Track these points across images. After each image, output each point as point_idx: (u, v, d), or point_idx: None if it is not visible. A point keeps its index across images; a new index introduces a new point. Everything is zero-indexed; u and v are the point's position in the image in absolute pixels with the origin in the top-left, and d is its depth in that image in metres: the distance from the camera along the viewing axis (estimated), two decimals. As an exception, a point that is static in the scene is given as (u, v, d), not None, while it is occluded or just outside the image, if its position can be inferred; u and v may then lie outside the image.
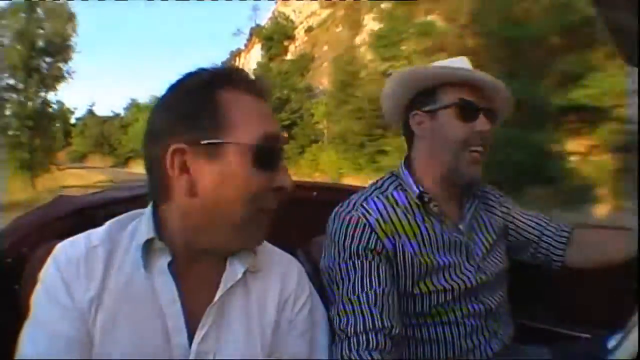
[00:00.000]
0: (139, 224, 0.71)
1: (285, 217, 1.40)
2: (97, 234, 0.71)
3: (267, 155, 0.68)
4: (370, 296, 0.90)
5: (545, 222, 1.16)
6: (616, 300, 1.00)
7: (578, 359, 1.14)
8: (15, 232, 1.06)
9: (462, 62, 1.06)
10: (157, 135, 0.68)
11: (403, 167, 1.07)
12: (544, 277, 1.26)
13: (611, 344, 0.65)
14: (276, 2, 31.16)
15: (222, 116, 0.67)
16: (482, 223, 1.09)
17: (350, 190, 1.10)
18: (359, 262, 0.93)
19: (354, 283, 0.92)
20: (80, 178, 23.05)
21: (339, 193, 1.09)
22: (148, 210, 0.72)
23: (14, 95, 18.21)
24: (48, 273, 0.67)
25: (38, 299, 0.66)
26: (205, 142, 0.65)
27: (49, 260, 0.68)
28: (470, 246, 1.02)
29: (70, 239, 0.71)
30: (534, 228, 1.15)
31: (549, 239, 1.14)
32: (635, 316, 0.65)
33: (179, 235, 0.70)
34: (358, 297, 0.90)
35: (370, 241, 0.95)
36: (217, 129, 0.66)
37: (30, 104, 18.52)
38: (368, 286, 0.91)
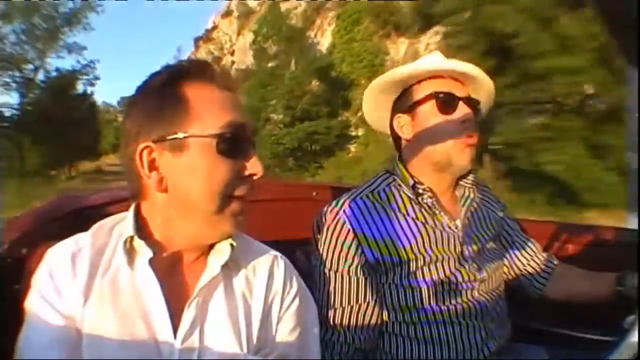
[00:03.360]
0: (123, 225, 0.73)
1: (285, 217, 1.41)
2: (84, 237, 0.73)
3: (232, 143, 0.68)
4: (339, 312, 0.94)
5: (536, 251, 1.18)
6: (616, 300, 1.00)
7: (577, 359, 1.14)
8: (15, 232, 1.06)
9: (435, 57, 1.04)
10: (128, 137, 0.70)
11: (397, 162, 1.07)
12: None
13: (627, 324, 0.65)
14: (195, 47, 38.05)
15: (185, 110, 0.68)
16: (479, 219, 1.09)
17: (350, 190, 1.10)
18: (339, 274, 0.95)
19: (329, 293, 0.95)
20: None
21: (339, 193, 1.08)
22: (131, 209, 0.74)
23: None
24: (39, 279, 0.69)
25: (31, 305, 0.68)
26: (170, 137, 0.67)
27: (40, 266, 0.70)
28: (465, 241, 1.02)
29: (59, 243, 0.72)
30: (527, 252, 1.17)
31: (537, 265, 1.16)
32: (635, 316, 0.65)
33: (157, 232, 0.72)
34: (333, 307, 0.94)
35: (351, 248, 0.96)
36: (181, 123, 0.67)
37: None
38: (344, 301, 0.95)
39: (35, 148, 14.64)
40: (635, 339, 0.55)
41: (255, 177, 0.71)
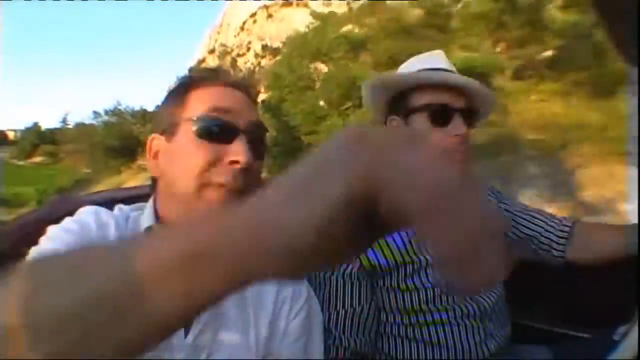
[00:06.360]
0: (140, 215, 0.74)
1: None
2: (111, 213, 0.74)
3: (213, 127, 0.68)
4: (333, 315, 0.94)
5: (547, 218, 1.15)
6: (616, 300, 1.00)
7: (578, 359, 1.14)
8: (16, 232, 1.06)
9: (438, 58, 1.04)
10: (149, 134, 0.76)
11: None
12: (543, 276, 1.26)
13: (617, 336, 0.65)
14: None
15: (183, 102, 0.72)
16: None
17: None
18: (334, 279, 0.95)
19: (324, 297, 0.95)
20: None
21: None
22: (150, 201, 0.75)
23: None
24: (70, 223, 0.69)
25: (49, 237, 0.67)
26: (166, 125, 0.71)
27: (76, 215, 0.71)
28: None
29: (96, 209, 0.73)
30: (535, 224, 1.14)
31: (550, 234, 1.13)
32: (635, 316, 0.65)
33: (167, 221, 0.71)
34: (328, 311, 0.94)
35: None
36: (179, 113, 0.71)
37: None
38: (338, 304, 0.94)
39: (108, 157, 29.36)
40: (635, 338, 0.55)
41: (237, 166, 0.66)
